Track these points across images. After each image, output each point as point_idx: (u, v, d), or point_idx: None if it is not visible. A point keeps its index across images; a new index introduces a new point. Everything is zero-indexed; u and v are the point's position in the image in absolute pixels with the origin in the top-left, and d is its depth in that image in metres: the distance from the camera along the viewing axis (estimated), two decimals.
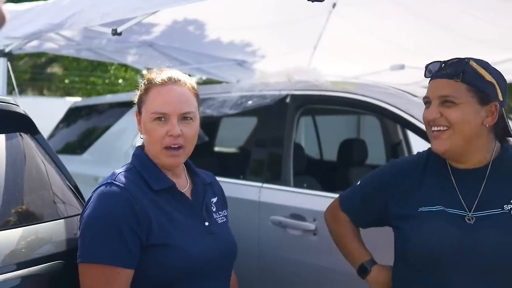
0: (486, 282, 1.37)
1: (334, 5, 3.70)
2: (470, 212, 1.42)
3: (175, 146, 1.48)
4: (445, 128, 1.44)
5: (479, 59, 1.49)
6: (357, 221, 1.74)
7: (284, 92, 2.88)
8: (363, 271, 1.70)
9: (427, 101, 1.51)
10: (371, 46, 4.24)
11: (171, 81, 1.51)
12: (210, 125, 4.06)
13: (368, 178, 1.72)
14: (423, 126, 2.33)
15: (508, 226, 1.37)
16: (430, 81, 1.52)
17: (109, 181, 1.45)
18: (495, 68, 1.50)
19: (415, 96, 2.52)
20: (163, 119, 1.47)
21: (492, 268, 1.36)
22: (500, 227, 1.38)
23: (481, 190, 1.44)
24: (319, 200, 2.53)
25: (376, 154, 4.16)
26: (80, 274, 1.39)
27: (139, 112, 1.56)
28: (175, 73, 1.55)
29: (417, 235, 1.46)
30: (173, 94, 1.49)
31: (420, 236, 1.45)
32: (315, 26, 4.06)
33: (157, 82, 1.51)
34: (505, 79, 1.50)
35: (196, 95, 1.56)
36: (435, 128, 1.46)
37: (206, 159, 3.76)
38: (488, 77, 1.45)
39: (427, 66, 1.55)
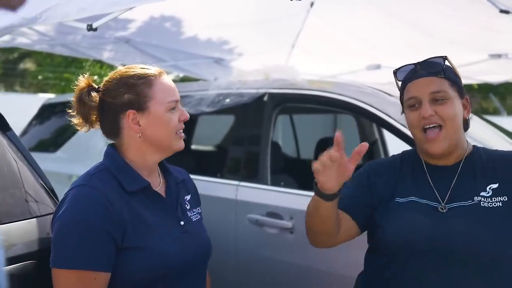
0: (457, 269, 1.42)
1: (312, 4, 3.72)
2: (443, 203, 1.48)
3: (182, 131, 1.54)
4: (437, 126, 1.47)
5: None
6: (350, 209, 1.65)
7: (261, 91, 2.88)
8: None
9: (414, 102, 1.51)
10: (348, 45, 4.27)
11: (163, 72, 1.54)
12: (187, 123, 4.03)
13: (352, 182, 1.63)
14: (398, 125, 2.37)
15: (477, 215, 1.44)
16: (408, 83, 1.54)
17: (82, 183, 1.42)
18: None
19: (391, 95, 2.55)
20: (175, 107, 1.50)
21: (463, 255, 1.41)
22: (470, 216, 1.44)
23: (453, 184, 1.50)
24: (296, 199, 2.54)
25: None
26: (54, 279, 1.36)
27: (139, 109, 1.47)
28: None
29: (392, 225, 1.50)
30: (171, 83, 1.54)
31: (395, 226, 1.50)
32: (293, 24, 4.07)
33: (155, 74, 1.51)
34: None
35: None
36: (428, 127, 1.48)
37: (182, 157, 3.73)
38: (458, 72, 1.54)
39: (396, 71, 1.57)
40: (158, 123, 1.48)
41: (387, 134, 3.88)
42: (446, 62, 1.51)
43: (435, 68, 1.49)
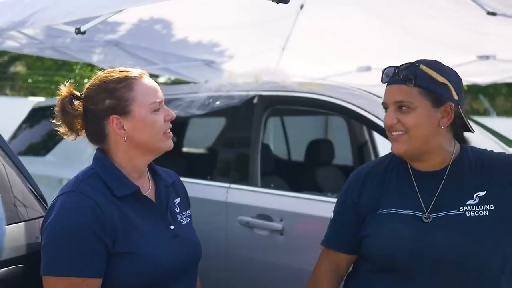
0: (442, 280, 1.41)
1: (301, 6, 3.73)
2: (427, 213, 1.46)
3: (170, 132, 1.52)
4: (402, 132, 1.48)
5: (431, 61, 1.52)
6: (348, 247, 1.61)
7: (251, 93, 2.89)
8: None
9: (385, 106, 1.54)
10: (338, 47, 4.29)
11: (144, 73, 1.52)
12: (177, 125, 4.02)
13: (337, 204, 1.67)
14: None
15: (462, 226, 1.42)
16: (386, 86, 1.55)
17: (71, 189, 1.41)
18: (448, 68, 1.52)
19: (380, 97, 2.55)
20: (159, 108, 1.48)
21: (448, 267, 1.40)
22: (455, 227, 1.42)
23: (439, 191, 1.48)
24: (286, 200, 2.54)
25: (343, 155, 4.21)
26: (45, 287, 1.35)
27: (122, 114, 1.45)
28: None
29: (374, 236, 1.50)
30: (153, 83, 1.51)
31: (377, 238, 1.49)
32: (283, 27, 4.08)
33: (135, 76, 1.48)
34: (459, 77, 1.53)
35: None
36: (394, 133, 1.50)
37: (173, 159, 3.72)
38: (440, 78, 1.47)
39: (383, 72, 1.57)
40: (143, 125, 1.46)
41: (377, 136, 3.90)
42: (420, 70, 1.47)
43: (406, 75, 1.47)
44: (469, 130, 1.57)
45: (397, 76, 1.50)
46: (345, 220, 1.60)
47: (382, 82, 1.57)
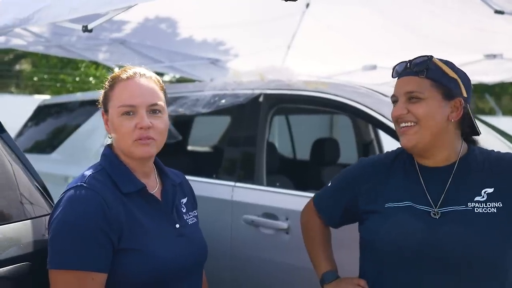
0: (449, 276, 1.41)
1: (307, 5, 3.73)
2: (435, 208, 1.46)
3: (146, 140, 1.45)
4: (412, 123, 1.49)
5: (444, 59, 1.55)
6: (329, 219, 1.76)
7: (257, 91, 2.88)
8: (321, 281, 1.72)
9: (394, 100, 1.56)
10: (343, 46, 4.28)
11: (136, 75, 1.49)
12: (183, 124, 4.03)
13: (339, 177, 1.75)
14: (393, 125, 2.38)
15: (471, 222, 1.42)
16: (397, 79, 1.57)
17: (78, 184, 1.41)
18: (458, 67, 1.55)
19: (386, 96, 2.55)
20: (131, 113, 1.44)
21: (455, 262, 1.40)
22: (463, 223, 1.42)
23: (447, 187, 1.48)
24: (291, 199, 2.54)
25: (348, 153, 4.20)
26: (51, 280, 1.35)
27: (105, 111, 1.53)
28: (141, 69, 1.53)
29: (383, 229, 1.50)
30: (140, 87, 1.47)
31: (385, 231, 1.49)
32: (289, 25, 4.08)
33: (122, 77, 1.49)
34: (468, 78, 1.56)
35: (163, 90, 1.55)
36: (403, 124, 1.51)
37: (178, 158, 3.73)
38: (451, 73, 1.51)
39: (394, 68, 1.60)
40: (113, 127, 1.49)
41: (383, 135, 3.89)
42: (433, 62, 1.50)
43: (418, 67, 1.50)
44: (476, 132, 1.58)
45: (408, 69, 1.52)
46: (338, 192, 1.71)
47: (392, 77, 1.59)
